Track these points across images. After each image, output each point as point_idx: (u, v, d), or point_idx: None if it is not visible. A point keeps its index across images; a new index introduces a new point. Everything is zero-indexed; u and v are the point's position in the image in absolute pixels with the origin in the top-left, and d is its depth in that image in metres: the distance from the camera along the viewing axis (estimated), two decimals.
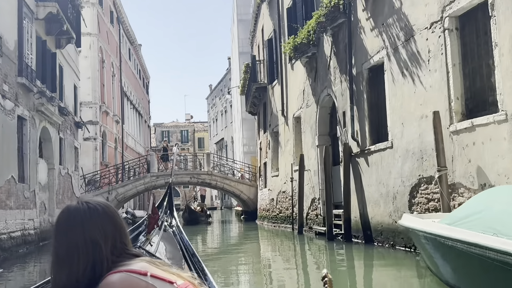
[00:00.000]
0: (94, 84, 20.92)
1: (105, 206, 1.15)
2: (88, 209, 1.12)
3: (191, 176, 20.81)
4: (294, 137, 13.45)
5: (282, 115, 14.57)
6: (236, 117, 30.33)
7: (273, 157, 15.88)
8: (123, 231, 1.14)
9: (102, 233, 1.10)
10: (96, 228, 1.10)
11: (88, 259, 1.08)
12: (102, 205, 1.14)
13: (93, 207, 1.13)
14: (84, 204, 1.13)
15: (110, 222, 1.12)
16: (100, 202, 1.15)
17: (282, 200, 14.60)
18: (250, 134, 26.65)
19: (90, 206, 1.13)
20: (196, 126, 56.88)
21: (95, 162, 20.43)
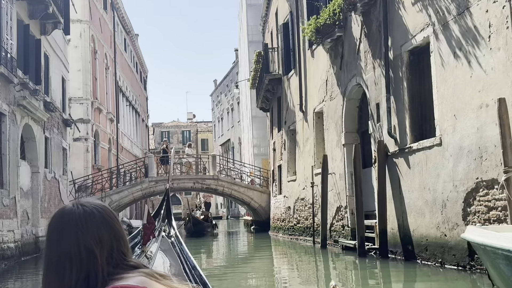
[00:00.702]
0: (85, 77, 20.72)
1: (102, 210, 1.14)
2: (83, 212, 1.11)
3: (195, 181, 20.62)
4: (315, 135, 13.04)
5: (300, 110, 14.19)
6: (245, 114, 30.15)
7: (290, 159, 15.52)
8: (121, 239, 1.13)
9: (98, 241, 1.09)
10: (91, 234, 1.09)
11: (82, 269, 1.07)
12: (100, 208, 1.14)
13: (89, 210, 1.12)
14: (79, 207, 1.12)
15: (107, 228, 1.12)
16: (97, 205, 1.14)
17: (301, 209, 14.21)
18: (261, 134, 26.46)
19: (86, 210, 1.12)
20: (199, 126, 57.30)
21: (86, 165, 20.28)
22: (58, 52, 15.94)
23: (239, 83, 25.83)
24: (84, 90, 20.69)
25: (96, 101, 21.51)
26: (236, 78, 39.79)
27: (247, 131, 29.01)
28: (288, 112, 15.66)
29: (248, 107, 28.17)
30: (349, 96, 10.93)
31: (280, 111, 16.86)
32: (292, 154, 15.43)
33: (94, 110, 21.45)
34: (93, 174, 20.25)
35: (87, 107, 20.68)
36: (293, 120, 15.09)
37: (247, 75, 26.42)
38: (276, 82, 16.64)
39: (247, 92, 28.29)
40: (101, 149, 22.45)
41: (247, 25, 27.08)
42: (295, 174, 15.07)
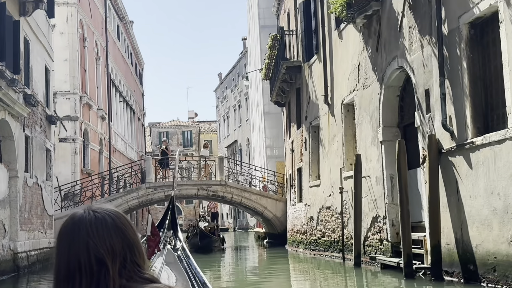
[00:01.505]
0: (72, 68, 20.47)
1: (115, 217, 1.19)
2: (95, 219, 1.16)
3: (199, 188, 20.28)
4: (344, 131, 12.53)
5: (325, 102, 13.71)
6: (256, 111, 29.96)
7: (312, 160, 15.04)
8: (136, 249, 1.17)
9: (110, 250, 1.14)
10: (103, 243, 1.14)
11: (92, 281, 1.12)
12: (113, 215, 1.19)
13: (101, 217, 1.17)
14: (91, 213, 1.17)
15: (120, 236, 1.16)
16: (110, 211, 1.19)
17: (326, 219, 13.73)
18: (275, 133, 26.22)
19: (97, 216, 1.17)
20: (201, 126, 57.61)
21: (74, 169, 20.07)
22: (41, 37, 15.48)
23: (249, 74, 25.23)
24: (72, 83, 20.42)
25: (85, 96, 21.24)
26: (244, 71, 39.56)
27: (259, 130, 28.81)
28: (310, 106, 15.23)
29: (259, 102, 27.96)
30: (388, 82, 10.31)
31: (300, 105, 16.51)
32: (315, 155, 14.97)
33: (83, 106, 21.24)
34: (81, 179, 19.99)
35: (75, 103, 20.44)
36: (316, 114, 14.64)
37: (258, 65, 25.90)
38: (294, 70, 16.20)
39: (258, 85, 28.10)
40: (91, 151, 22.26)
41: (258, 7, 26.81)
42: (318, 178, 14.62)
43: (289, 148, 18.38)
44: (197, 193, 20.36)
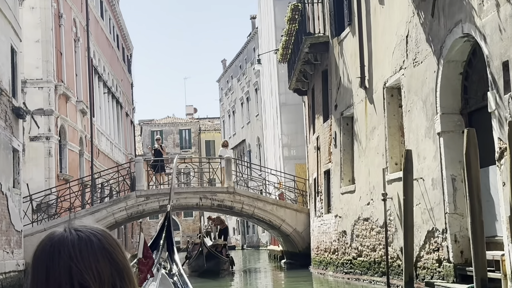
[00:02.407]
0: (46, 51, 20.37)
1: (102, 237, 1.21)
2: (78, 240, 1.18)
3: (202, 196, 20.15)
4: (387, 122, 11.99)
5: (361, 86, 13.25)
6: (269, 103, 29.97)
7: (344, 160, 14.66)
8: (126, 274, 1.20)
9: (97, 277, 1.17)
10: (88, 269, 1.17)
11: None
12: (99, 235, 1.21)
13: (86, 237, 1.19)
14: (73, 233, 1.20)
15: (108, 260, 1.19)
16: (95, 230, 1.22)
17: (364, 234, 13.30)
18: (293, 129, 26.24)
19: (81, 236, 1.19)
20: (202, 124, 58.25)
21: (48, 174, 20.04)
22: (5, 11, 15.08)
23: (262, 56, 24.77)
24: (45, 69, 20.32)
25: (61, 85, 21.27)
26: (253, 56, 39.42)
27: (273, 125, 28.78)
28: (341, 92, 14.82)
29: (273, 92, 27.89)
30: (448, 56, 9.66)
31: (327, 92, 16.18)
32: (348, 153, 14.55)
33: (59, 97, 21.30)
34: (58, 186, 19.90)
35: (49, 93, 20.33)
36: (348, 102, 14.21)
37: (272, 46, 25.69)
38: (320, 48, 15.85)
39: (272, 70, 28.01)
40: (70, 153, 22.30)
41: None
42: (353, 182, 14.18)
43: (313, 146, 18.18)
44: (199, 203, 20.21)
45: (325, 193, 16.53)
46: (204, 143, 55.25)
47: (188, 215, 53.45)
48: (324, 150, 16.55)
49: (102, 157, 27.74)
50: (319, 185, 17.14)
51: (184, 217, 53.59)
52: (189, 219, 53.31)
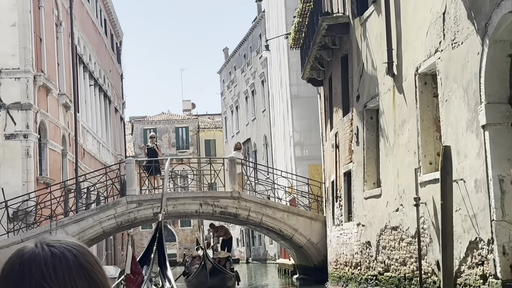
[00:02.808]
0: (23, 36, 20.41)
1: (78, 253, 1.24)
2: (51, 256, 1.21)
3: (203, 202, 20.06)
4: (420, 114, 11.72)
5: (388, 73, 13.03)
6: (279, 96, 30.00)
7: (368, 159, 14.51)
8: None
9: None
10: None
11: None
12: (74, 250, 1.24)
13: (60, 253, 1.22)
14: (45, 248, 1.22)
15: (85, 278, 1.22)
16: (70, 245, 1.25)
17: (392, 246, 13.07)
18: (306, 125, 26.24)
19: (55, 252, 1.22)
20: (201, 121, 58.67)
21: (26, 178, 20.08)
22: None
23: (271, 41, 24.72)
24: (22, 58, 20.38)
25: (41, 76, 21.30)
26: (259, 43, 39.48)
27: (282, 122, 28.85)
28: (364, 80, 14.65)
29: (284, 83, 27.91)
30: (495, 36, 9.31)
31: (347, 81, 16.09)
32: (373, 152, 14.39)
33: (39, 89, 21.31)
34: (37, 191, 19.91)
35: (27, 85, 20.38)
36: (373, 92, 14.01)
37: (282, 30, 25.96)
38: (339, 30, 15.78)
39: (282, 58, 28.07)
40: (51, 153, 22.29)
41: None
42: (378, 185, 13.98)
43: (330, 144, 18.13)
44: (199, 210, 20.16)
45: (345, 198, 16.48)
46: (203, 143, 55.69)
47: (185, 224, 53.58)
48: (344, 148, 16.48)
49: (88, 158, 27.85)
50: (338, 189, 17.10)
51: (181, 226, 53.74)
52: (187, 229, 53.38)
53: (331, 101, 17.89)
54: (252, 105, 42.16)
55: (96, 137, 30.21)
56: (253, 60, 41.02)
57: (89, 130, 28.67)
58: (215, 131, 55.64)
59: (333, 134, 17.52)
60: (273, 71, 31.30)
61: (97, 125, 30.71)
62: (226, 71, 49.95)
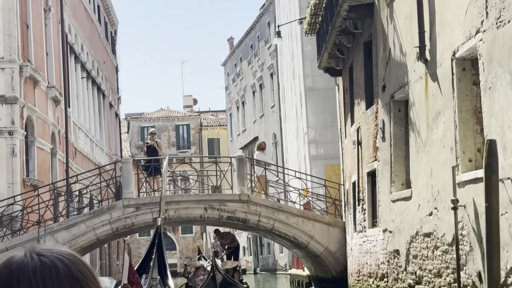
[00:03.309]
0: (8, 23, 20.31)
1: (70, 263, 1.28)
2: (41, 266, 1.25)
3: (208, 206, 19.94)
4: (458, 105, 11.41)
5: (419, 59, 12.75)
6: (290, 88, 29.77)
7: (395, 157, 14.31)
8: None
9: None
10: None
11: None
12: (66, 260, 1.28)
13: (50, 263, 1.26)
14: (34, 258, 1.27)
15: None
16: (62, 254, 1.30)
17: (425, 254, 12.77)
18: (322, 121, 26.09)
19: (44, 262, 1.26)
20: (204, 119, 58.72)
21: (11, 179, 20.06)
22: None
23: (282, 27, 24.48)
24: (7, 46, 20.30)
25: (28, 66, 21.31)
26: (267, 32, 39.31)
27: (295, 117, 28.67)
28: (391, 68, 14.39)
29: (297, 74, 27.70)
30: None
31: (371, 69, 15.91)
32: (401, 148, 14.21)
33: (25, 81, 21.34)
34: (24, 194, 19.91)
35: (12, 76, 20.30)
36: (402, 81, 13.77)
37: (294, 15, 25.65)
38: (362, 12, 15.59)
39: (295, 46, 27.82)
40: (39, 152, 22.28)
41: None
42: (408, 186, 13.76)
43: (351, 141, 18.01)
44: (204, 215, 20.00)
45: (369, 201, 16.30)
46: (206, 142, 55.69)
47: (186, 231, 53.38)
48: (367, 145, 16.30)
49: (80, 158, 27.82)
50: (361, 191, 16.95)
51: (182, 233, 53.63)
52: (188, 236, 53.16)
53: (352, 93, 17.78)
54: (260, 100, 42.01)
55: (88, 135, 30.19)
56: (261, 51, 40.90)
57: (81, 127, 28.64)
58: (219, 129, 55.71)
59: (355, 129, 17.42)
60: (284, 62, 31.19)
61: (90, 122, 30.69)
62: (231, 63, 49.80)
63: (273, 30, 37.94)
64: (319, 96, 25.67)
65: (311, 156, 25.77)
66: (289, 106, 30.12)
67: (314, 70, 23.99)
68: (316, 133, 25.94)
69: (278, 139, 37.34)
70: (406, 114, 13.86)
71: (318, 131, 25.89)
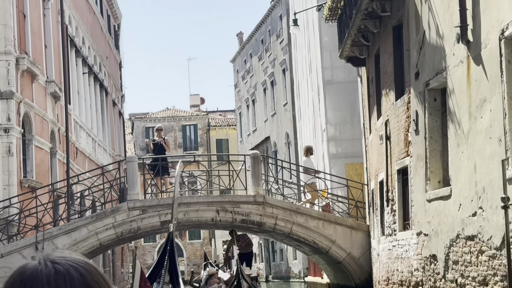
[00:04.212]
0: (3, 12, 20.18)
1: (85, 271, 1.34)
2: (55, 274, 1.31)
3: (220, 208, 19.59)
4: (507, 90, 10.84)
5: (460, 40, 12.16)
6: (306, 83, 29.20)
7: (430, 151, 13.81)
8: None
9: None
10: None
11: None
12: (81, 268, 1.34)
13: (65, 271, 1.31)
14: (49, 266, 1.32)
15: None
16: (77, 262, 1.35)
17: (468, 259, 12.20)
18: (341, 117, 25.57)
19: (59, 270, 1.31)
20: (212, 118, 58.93)
21: (8, 180, 20.12)
22: None
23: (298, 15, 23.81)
24: (2, 36, 20.21)
25: (25, 58, 21.28)
26: (279, 26, 38.90)
27: (312, 114, 28.09)
28: (425, 53, 13.85)
29: (314, 67, 27.12)
30: None
31: (401, 56, 15.49)
32: (437, 142, 13.68)
33: (22, 74, 21.35)
34: (21, 195, 19.93)
35: (8, 68, 20.22)
36: (438, 67, 13.18)
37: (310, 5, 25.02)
38: None
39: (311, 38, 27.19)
40: (37, 151, 22.24)
41: None
42: (446, 183, 13.17)
43: (377, 136, 17.52)
44: (216, 218, 19.66)
45: (399, 201, 15.78)
46: (214, 143, 55.78)
47: (194, 237, 53.05)
48: (397, 139, 15.77)
49: (81, 159, 27.62)
50: (390, 190, 16.44)
51: (189, 239, 53.39)
52: (196, 242, 52.81)
53: (379, 83, 17.33)
54: (271, 98, 41.57)
55: (91, 134, 29.96)
56: (273, 46, 40.43)
57: (82, 126, 28.41)
58: (228, 129, 55.75)
59: (382, 123, 16.95)
60: (299, 55, 30.79)
61: (92, 120, 30.49)
62: (240, 59, 49.55)
63: (285, 23, 37.62)
64: (338, 89, 25.38)
65: (331, 155, 25.39)
66: (305, 102, 29.73)
67: (333, 62, 23.66)
68: (336, 130, 25.61)
69: (291, 138, 36.85)
70: (443, 104, 13.37)
71: (338, 128, 25.63)
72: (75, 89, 27.24)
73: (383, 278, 16.78)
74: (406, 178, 15.27)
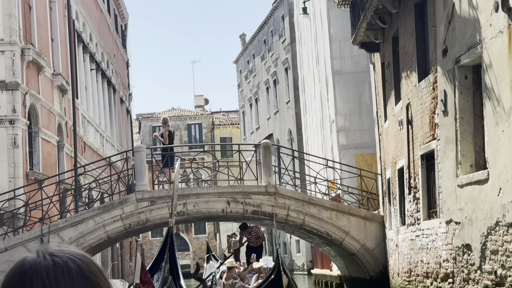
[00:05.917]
0: (7, 2, 19.16)
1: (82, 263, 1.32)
2: (53, 266, 1.29)
3: (231, 199, 18.51)
4: None
5: (500, 9, 10.68)
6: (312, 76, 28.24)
7: (461, 133, 12.43)
8: None
9: None
10: None
11: None
12: (78, 260, 1.32)
13: (63, 263, 1.29)
14: (47, 258, 1.30)
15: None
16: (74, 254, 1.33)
17: (510, 249, 10.75)
18: (351, 107, 24.54)
19: (57, 262, 1.30)
20: (216, 118, 58.71)
21: (14, 173, 19.15)
22: None
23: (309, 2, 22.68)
24: (7, 26, 19.10)
25: (31, 49, 20.04)
26: (282, 25, 38.21)
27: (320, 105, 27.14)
28: (454, 28, 12.39)
29: (322, 58, 26.06)
30: None
31: (423, 34, 14.14)
32: (468, 123, 12.26)
33: (28, 66, 20.21)
34: (26, 187, 19.00)
35: (13, 59, 19.08)
36: (471, 41, 11.72)
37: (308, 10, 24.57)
38: None
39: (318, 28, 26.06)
40: (44, 143, 21.16)
41: None
42: (481, 167, 11.72)
43: (396, 122, 16.13)
44: (226, 209, 18.47)
45: (423, 188, 14.38)
46: (218, 141, 55.90)
47: (199, 231, 52.01)
48: (420, 123, 14.34)
49: (89, 153, 26.30)
50: (412, 177, 15.02)
51: (195, 234, 52.22)
52: (201, 237, 51.65)
53: (397, 66, 15.99)
54: (274, 96, 41.00)
55: (98, 129, 28.63)
56: (275, 45, 40.16)
57: (90, 121, 27.05)
58: (232, 127, 55.35)
59: (402, 107, 15.52)
60: (304, 49, 29.85)
61: (99, 115, 29.11)
62: (243, 59, 49.12)
63: (288, 23, 37.05)
64: (347, 80, 24.41)
65: (341, 146, 24.44)
66: (311, 96, 28.80)
67: (342, 52, 22.77)
68: (346, 121, 24.68)
69: (294, 135, 36.16)
70: (475, 82, 11.92)
71: (348, 118, 24.72)
72: (82, 84, 25.88)
73: (405, 270, 15.45)
74: (431, 163, 13.89)
